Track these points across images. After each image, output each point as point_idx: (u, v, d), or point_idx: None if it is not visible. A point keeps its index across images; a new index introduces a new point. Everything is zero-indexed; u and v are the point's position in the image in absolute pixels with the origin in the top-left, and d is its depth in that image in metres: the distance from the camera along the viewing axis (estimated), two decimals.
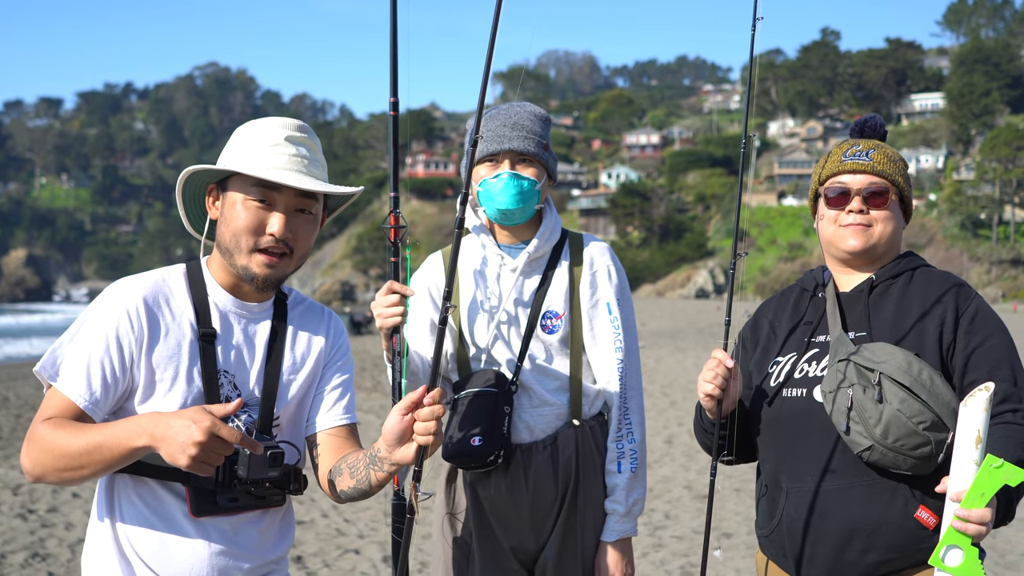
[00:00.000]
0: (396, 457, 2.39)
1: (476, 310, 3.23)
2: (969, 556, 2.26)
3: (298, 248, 2.51)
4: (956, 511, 2.27)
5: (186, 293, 2.50)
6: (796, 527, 2.77)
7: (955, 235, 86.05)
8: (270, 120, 2.54)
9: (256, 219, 2.45)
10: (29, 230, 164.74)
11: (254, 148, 2.48)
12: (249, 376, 2.52)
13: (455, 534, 3.25)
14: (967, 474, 2.27)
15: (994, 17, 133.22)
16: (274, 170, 2.45)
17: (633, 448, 3.22)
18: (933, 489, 2.56)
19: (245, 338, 2.54)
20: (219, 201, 2.54)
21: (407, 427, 2.36)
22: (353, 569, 7.00)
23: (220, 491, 2.42)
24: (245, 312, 2.55)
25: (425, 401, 2.35)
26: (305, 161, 2.51)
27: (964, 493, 2.26)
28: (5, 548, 7.41)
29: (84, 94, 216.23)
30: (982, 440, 2.27)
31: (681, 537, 7.86)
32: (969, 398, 2.29)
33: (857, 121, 3.07)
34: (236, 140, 2.54)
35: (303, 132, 2.54)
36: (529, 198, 3.17)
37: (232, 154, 2.51)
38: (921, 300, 2.79)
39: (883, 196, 2.86)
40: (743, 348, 3.10)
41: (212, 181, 2.56)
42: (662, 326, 41.45)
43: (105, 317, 2.40)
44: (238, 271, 2.48)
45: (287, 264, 2.50)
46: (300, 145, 2.52)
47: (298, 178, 2.45)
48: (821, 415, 2.73)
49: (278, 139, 2.49)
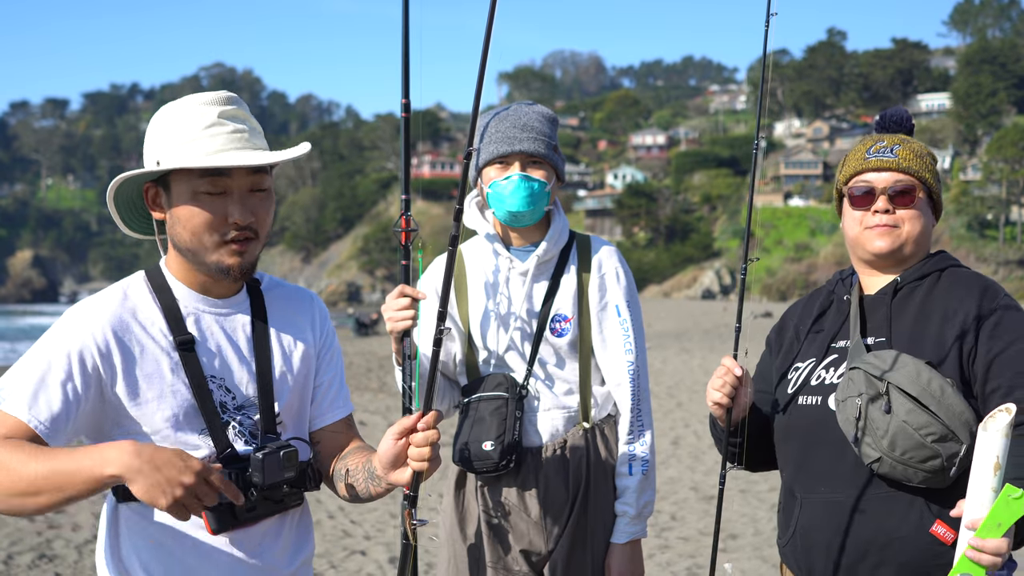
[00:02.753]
0: (391, 479, 2.33)
1: (485, 314, 3.22)
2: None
3: (262, 229, 2.32)
4: (971, 540, 2.18)
5: (152, 303, 2.31)
6: (809, 539, 2.70)
7: (962, 236, 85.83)
8: (192, 99, 2.30)
9: (214, 211, 2.25)
10: (35, 231, 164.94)
11: (187, 135, 2.25)
12: (241, 376, 2.36)
13: (464, 539, 3.25)
14: (984, 501, 2.17)
15: (1001, 17, 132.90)
16: (219, 154, 2.24)
17: (644, 450, 3.21)
18: (950, 503, 2.43)
19: (226, 337, 2.37)
20: (161, 200, 2.32)
21: (401, 452, 2.29)
22: (359, 570, 7.00)
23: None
24: (219, 309, 2.38)
25: (419, 426, 2.26)
26: (245, 135, 2.30)
27: (980, 522, 2.16)
28: (12, 549, 7.42)
29: (90, 95, 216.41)
30: (1000, 467, 2.16)
31: (687, 538, 7.85)
32: (989, 420, 2.18)
33: (881, 114, 2.90)
34: (161, 130, 2.30)
35: (232, 103, 2.32)
36: (539, 200, 3.17)
37: (162, 147, 2.27)
38: (944, 304, 2.65)
39: (910, 194, 2.72)
40: (769, 352, 3.03)
41: (147, 180, 2.33)
42: (668, 327, 41.41)
43: (66, 339, 2.20)
44: (208, 268, 2.31)
45: (255, 248, 2.33)
46: (234, 119, 2.30)
47: (248, 155, 2.25)
48: (835, 424, 2.63)
49: (211, 118, 2.26)
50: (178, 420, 2.27)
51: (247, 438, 2.35)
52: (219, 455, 2.28)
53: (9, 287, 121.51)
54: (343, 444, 2.57)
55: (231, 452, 2.30)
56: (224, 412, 2.33)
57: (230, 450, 2.30)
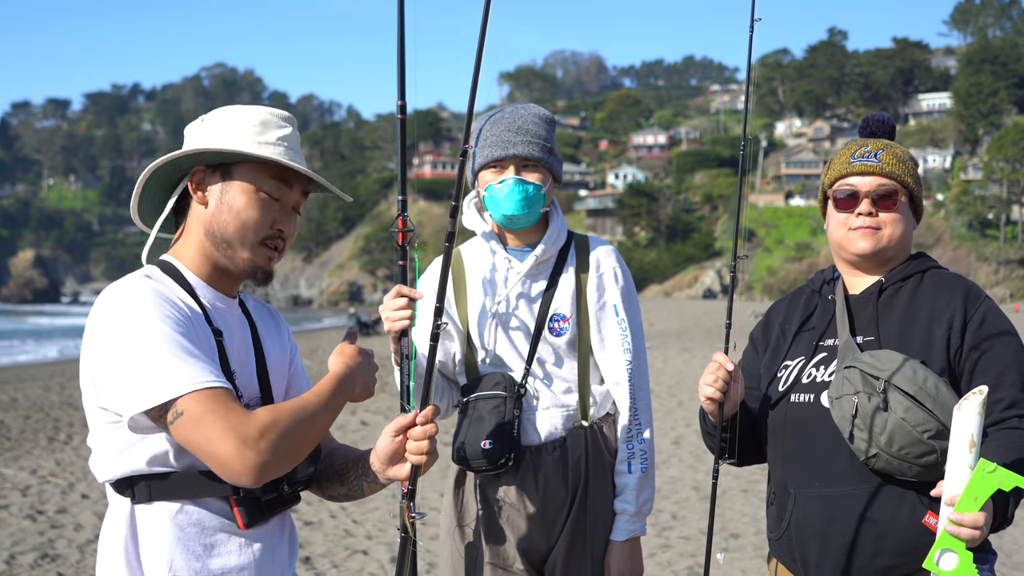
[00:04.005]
0: (389, 475, 2.36)
1: (484, 314, 3.24)
2: (963, 560, 2.26)
3: (288, 243, 2.40)
4: (949, 515, 2.26)
5: (183, 291, 2.27)
6: (804, 532, 2.76)
7: (962, 235, 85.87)
8: (263, 109, 2.36)
9: (268, 213, 2.30)
10: (37, 231, 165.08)
11: (264, 136, 2.31)
12: (250, 374, 2.37)
13: (464, 537, 3.26)
14: (961, 478, 2.26)
15: (1001, 17, 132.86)
16: (294, 164, 2.33)
17: (643, 448, 3.23)
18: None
19: (239, 334, 2.37)
20: (209, 184, 2.32)
21: (399, 448, 2.33)
22: (361, 570, 7.01)
23: (264, 495, 2.27)
24: (229, 307, 2.38)
25: (418, 421, 2.30)
26: (302, 157, 2.39)
27: (958, 497, 2.24)
28: (15, 549, 7.43)
29: (91, 95, 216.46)
30: (975, 444, 2.26)
31: (688, 538, 7.86)
32: (963, 401, 2.28)
33: (865, 119, 3.02)
34: (234, 121, 2.33)
35: (293, 126, 2.40)
36: (535, 203, 3.18)
37: (236, 136, 2.30)
38: (930, 304, 2.75)
39: (892, 198, 2.82)
40: (754, 349, 3.10)
41: (205, 164, 2.32)
42: (669, 326, 41.40)
43: (151, 316, 2.11)
44: (234, 263, 2.30)
45: (279, 258, 2.40)
46: (294, 141, 2.38)
47: (316, 176, 2.37)
48: (828, 420, 2.71)
49: (284, 131, 2.34)
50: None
51: None
52: None
53: (11, 287, 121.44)
54: (321, 446, 2.57)
55: None
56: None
57: None
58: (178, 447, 2.16)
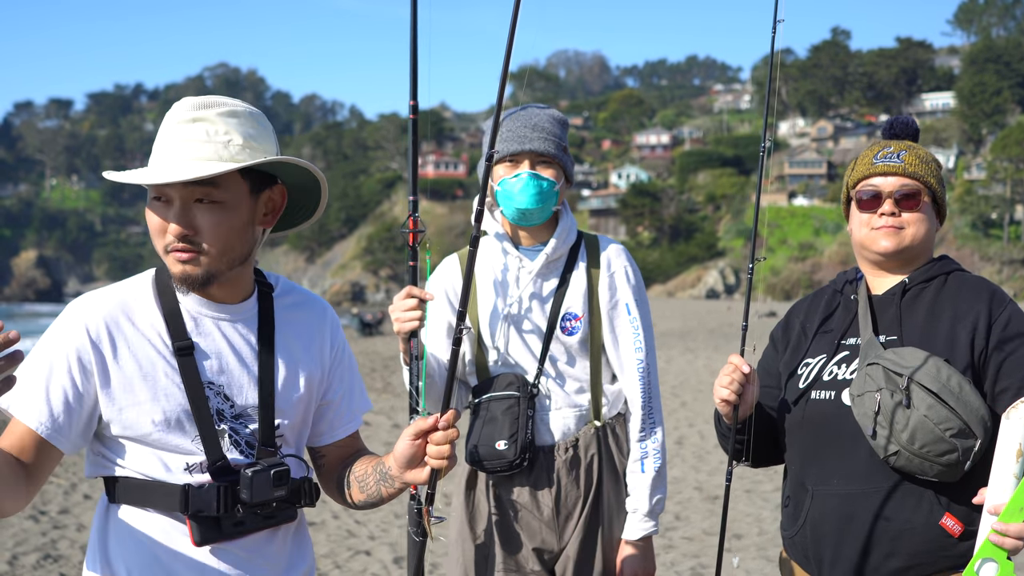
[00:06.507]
0: (407, 478, 2.29)
1: (495, 314, 3.22)
2: (1004, 570, 2.23)
3: (210, 242, 2.19)
4: (993, 524, 2.23)
5: (154, 304, 2.25)
6: (820, 530, 2.75)
7: (966, 235, 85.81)
8: (177, 104, 2.24)
9: (159, 218, 2.19)
10: (39, 231, 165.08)
11: (157, 140, 2.23)
12: (241, 384, 2.29)
13: (475, 538, 3.24)
14: (1006, 487, 2.24)
15: (1005, 16, 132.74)
16: (154, 165, 2.19)
17: (656, 447, 3.23)
18: (959, 496, 2.56)
19: (228, 343, 2.29)
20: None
21: (418, 451, 2.24)
22: (364, 570, 7.00)
23: (224, 517, 2.22)
24: (221, 314, 2.30)
25: (440, 425, 2.22)
26: (195, 144, 2.18)
27: (1002, 507, 2.23)
28: (17, 550, 7.42)
29: (94, 95, 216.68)
30: (1023, 454, 2.24)
31: (692, 538, 7.84)
32: (1011, 410, 2.26)
33: (889, 121, 3.02)
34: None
35: (203, 108, 2.21)
36: (548, 198, 3.17)
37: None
38: (954, 305, 2.75)
39: (915, 198, 2.81)
40: (773, 348, 3.08)
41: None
42: (672, 326, 41.40)
43: (63, 338, 2.19)
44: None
45: (206, 262, 2.20)
46: (200, 123, 2.19)
47: (177, 168, 2.14)
48: (849, 418, 2.70)
49: (169, 125, 2.21)
50: (169, 424, 2.21)
51: (243, 448, 2.29)
52: (211, 464, 2.23)
53: (14, 287, 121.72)
54: (347, 456, 2.53)
55: (223, 463, 2.24)
56: (221, 420, 2.26)
57: (222, 461, 2.24)
58: (115, 454, 2.23)
